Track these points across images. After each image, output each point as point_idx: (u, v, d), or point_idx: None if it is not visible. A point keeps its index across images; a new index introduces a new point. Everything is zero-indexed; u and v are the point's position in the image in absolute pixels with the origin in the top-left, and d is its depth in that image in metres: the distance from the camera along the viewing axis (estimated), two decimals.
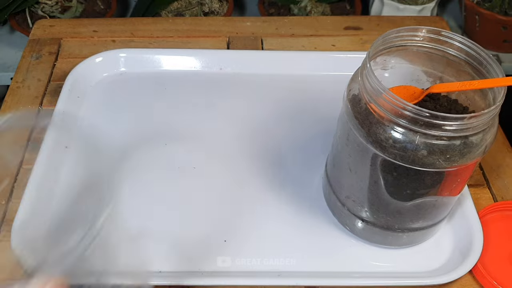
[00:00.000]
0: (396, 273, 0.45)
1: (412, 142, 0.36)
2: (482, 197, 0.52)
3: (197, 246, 0.47)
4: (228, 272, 0.45)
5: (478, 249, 0.45)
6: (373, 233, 0.46)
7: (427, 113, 0.34)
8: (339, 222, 0.48)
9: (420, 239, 0.47)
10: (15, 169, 0.52)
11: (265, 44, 0.68)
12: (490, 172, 0.54)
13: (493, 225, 0.48)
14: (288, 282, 0.43)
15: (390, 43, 0.41)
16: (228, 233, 0.48)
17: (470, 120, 0.35)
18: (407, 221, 0.44)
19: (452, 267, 0.45)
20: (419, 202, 0.41)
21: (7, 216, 0.49)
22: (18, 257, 0.43)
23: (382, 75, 0.44)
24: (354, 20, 0.73)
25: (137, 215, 0.48)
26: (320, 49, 0.68)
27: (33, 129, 0.34)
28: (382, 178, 0.40)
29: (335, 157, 0.46)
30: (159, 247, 0.46)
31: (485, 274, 0.44)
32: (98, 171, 0.39)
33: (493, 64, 0.38)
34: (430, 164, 0.37)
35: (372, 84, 0.37)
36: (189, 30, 0.69)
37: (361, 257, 0.46)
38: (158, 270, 0.44)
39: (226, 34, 0.69)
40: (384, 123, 0.37)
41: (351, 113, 0.40)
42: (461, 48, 0.40)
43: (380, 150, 0.38)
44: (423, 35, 0.41)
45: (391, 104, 0.36)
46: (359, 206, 0.44)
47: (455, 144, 0.36)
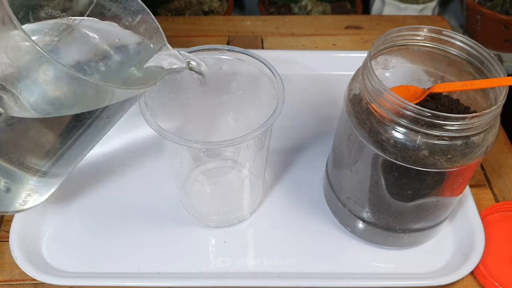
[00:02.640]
0: (397, 274, 0.45)
1: (413, 142, 0.36)
2: (484, 198, 0.51)
3: (197, 246, 0.46)
4: (228, 273, 0.44)
5: (479, 250, 0.45)
6: (374, 233, 0.45)
7: (428, 113, 0.34)
8: (339, 222, 0.48)
9: (421, 240, 0.47)
10: None
11: (265, 44, 0.68)
12: (491, 173, 0.54)
13: (494, 226, 0.48)
14: (288, 283, 0.43)
15: (391, 42, 0.41)
16: (228, 233, 0.47)
17: (472, 120, 0.35)
18: (408, 221, 0.43)
19: (453, 268, 0.44)
20: (420, 202, 0.41)
21: (7, 217, 0.48)
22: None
23: (383, 75, 0.44)
24: (355, 19, 0.73)
25: (137, 214, 0.48)
26: (320, 48, 0.68)
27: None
28: (383, 178, 0.40)
29: (335, 157, 0.46)
30: (159, 247, 0.46)
31: (487, 275, 0.44)
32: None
33: (494, 64, 0.38)
34: (431, 164, 0.36)
35: (373, 84, 0.37)
36: (189, 30, 0.69)
37: (362, 258, 0.46)
38: (158, 271, 0.44)
39: (226, 34, 0.69)
40: (385, 123, 0.37)
41: (352, 113, 0.39)
42: (463, 47, 0.40)
43: (381, 150, 0.37)
44: (424, 34, 0.41)
45: (392, 104, 0.35)
46: (360, 206, 0.44)
47: (456, 144, 0.36)
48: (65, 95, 0.33)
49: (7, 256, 0.45)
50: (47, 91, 0.32)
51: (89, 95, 0.33)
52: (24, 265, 0.43)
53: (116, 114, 0.38)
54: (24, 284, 0.44)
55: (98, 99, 0.33)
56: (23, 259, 0.43)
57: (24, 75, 0.31)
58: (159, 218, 0.48)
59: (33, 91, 0.32)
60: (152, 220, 0.48)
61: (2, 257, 0.45)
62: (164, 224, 0.48)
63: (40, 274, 0.42)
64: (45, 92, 0.32)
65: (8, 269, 0.45)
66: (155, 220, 0.48)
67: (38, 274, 0.42)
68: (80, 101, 0.33)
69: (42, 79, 0.31)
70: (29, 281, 0.44)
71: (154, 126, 0.37)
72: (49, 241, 0.46)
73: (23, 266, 0.43)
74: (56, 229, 0.47)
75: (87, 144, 0.39)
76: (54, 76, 0.31)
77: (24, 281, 0.44)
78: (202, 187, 0.45)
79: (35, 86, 0.32)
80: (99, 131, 0.38)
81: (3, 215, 0.48)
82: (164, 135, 0.36)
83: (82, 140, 0.37)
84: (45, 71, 0.31)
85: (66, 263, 0.45)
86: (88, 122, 0.35)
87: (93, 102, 0.33)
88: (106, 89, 0.33)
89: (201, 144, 0.40)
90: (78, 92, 0.32)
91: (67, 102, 0.33)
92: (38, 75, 0.31)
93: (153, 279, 0.43)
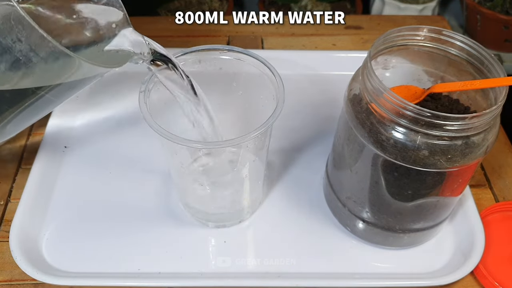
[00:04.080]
0: (397, 274, 0.45)
1: (413, 142, 0.36)
2: (484, 198, 0.51)
3: (197, 246, 0.46)
4: (228, 273, 0.44)
5: (479, 250, 0.45)
6: (374, 234, 0.45)
7: (428, 113, 0.34)
8: (339, 222, 0.48)
9: (421, 240, 0.47)
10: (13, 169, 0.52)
11: (265, 44, 0.68)
12: (491, 173, 0.54)
13: (494, 226, 0.48)
14: (288, 283, 0.43)
15: (391, 42, 0.41)
16: (228, 233, 0.47)
17: (472, 120, 0.35)
18: (408, 221, 0.43)
19: (453, 268, 0.44)
20: (420, 202, 0.41)
21: (6, 216, 0.48)
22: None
23: (383, 75, 0.44)
24: (355, 19, 0.73)
25: (137, 214, 0.48)
26: (320, 48, 0.68)
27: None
28: (383, 178, 0.40)
29: (335, 157, 0.46)
30: (159, 247, 0.46)
31: (487, 275, 0.44)
32: None
33: (494, 64, 0.38)
34: (431, 164, 0.36)
35: (373, 84, 0.37)
36: (188, 30, 0.69)
37: (362, 258, 0.46)
38: (158, 271, 0.44)
39: (226, 34, 0.69)
40: (385, 123, 0.37)
41: (352, 113, 0.39)
42: (463, 47, 0.40)
43: (381, 150, 0.37)
44: (424, 34, 0.41)
45: (392, 104, 0.35)
46: (360, 206, 0.44)
47: (456, 144, 0.36)
48: (27, 63, 0.31)
49: (7, 256, 0.45)
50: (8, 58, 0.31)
51: (50, 67, 0.32)
52: (24, 265, 0.43)
53: (63, 95, 0.36)
54: (24, 284, 0.44)
55: (57, 73, 0.32)
56: (23, 259, 0.43)
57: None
58: (159, 218, 0.48)
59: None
60: (152, 220, 0.48)
61: (2, 257, 0.45)
62: (164, 224, 0.48)
63: (40, 274, 0.42)
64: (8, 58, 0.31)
65: (8, 269, 0.45)
66: (155, 220, 0.48)
67: (38, 274, 0.42)
68: (39, 72, 0.32)
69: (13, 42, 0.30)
70: (29, 281, 0.44)
71: (154, 126, 0.37)
72: (49, 241, 0.46)
73: (23, 266, 0.43)
74: (56, 229, 0.47)
75: (21, 123, 0.38)
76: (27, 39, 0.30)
77: (24, 281, 0.44)
78: (202, 187, 0.45)
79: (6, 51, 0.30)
80: (39, 110, 0.37)
81: (2, 216, 0.48)
82: (164, 135, 0.36)
83: (20, 117, 0.36)
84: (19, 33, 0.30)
85: (66, 263, 0.45)
86: (32, 100, 0.34)
87: (51, 76, 0.32)
88: (71, 62, 0.31)
89: (201, 144, 0.40)
90: (41, 62, 0.31)
91: (27, 72, 0.32)
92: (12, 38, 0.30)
93: (153, 279, 0.43)
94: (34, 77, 0.32)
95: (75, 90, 0.37)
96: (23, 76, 0.32)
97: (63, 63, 0.32)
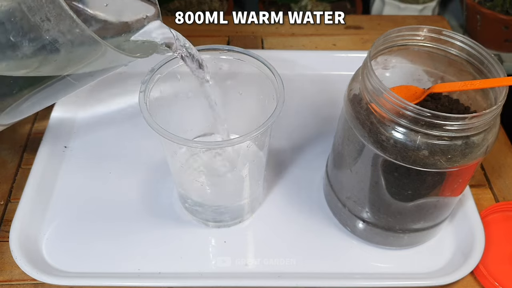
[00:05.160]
0: (397, 274, 0.45)
1: (413, 142, 0.36)
2: (484, 198, 0.51)
3: (197, 246, 0.46)
4: (228, 273, 0.44)
5: (479, 250, 0.45)
6: (374, 234, 0.45)
7: (428, 113, 0.34)
8: (339, 222, 0.48)
9: (421, 240, 0.47)
10: (13, 170, 0.52)
11: (265, 44, 0.68)
12: (491, 173, 0.54)
13: (494, 226, 0.48)
14: (288, 283, 0.43)
15: (391, 42, 0.41)
16: (228, 233, 0.47)
17: (472, 120, 0.35)
18: (408, 221, 0.43)
19: (453, 268, 0.44)
20: (420, 202, 0.41)
21: (6, 217, 0.48)
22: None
23: (383, 75, 0.44)
24: (355, 19, 0.73)
25: (137, 214, 0.48)
26: (320, 48, 0.68)
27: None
28: (383, 178, 0.40)
29: (335, 157, 0.46)
30: (159, 247, 0.46)
31: (487, 275, 0.44)
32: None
33: (494, 64, 0.38)
34: (431, 164, 0.36)
35: (373, 84, 0.37)
36: (188, 30, 0.69)
37: (362, 258, 0.46)
38: (158, 271, 0.44)
39: (226, 34, 0.69)
40: (385, 123, 0.37)
41: (351, 113, 0.39)
42: (463, 47, 0.40)
43: (381, 150, 0.37)
44: (425, 34, 0.41)
45: (392, 104, 0.35)
46: (360, 206, 0.44)
47: (456, 144, 0.36)
48: (54, 43, 0.31)
49: (7, 256, 0.45)
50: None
51: (75, 50, 0.32)
52: (24, 265, 0.43)
53: (84, 79, 0.37)
54: (24, 284, 0.44)
55: (81, 57, 0.32)
56: (23, 259, 0.43)
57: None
58: (159, 218, 0.48)
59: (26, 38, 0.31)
60: (152, 220, 0.48)
61: (2, 257, 0.45)
62: (164, 224, 0.48)
63: (40, 274, 0.42)
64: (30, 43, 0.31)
65: (8, 269, 0.45)
66: (155, 220, 0.48)
67: (38, 274, 0.42)
68: (64, 54, 0.32)
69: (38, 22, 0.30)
70: (29, 281, 0.44)
71: (154, 126, 0.37)
72: (49, 241, 0.46)
73: (23, 266, 0.43)
74: (56, 229, 0.47)
75: (43, 101, 0.38)
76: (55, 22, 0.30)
77: (24, 281, 0.44)
78: (202, 187, 0.45)
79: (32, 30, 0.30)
80: (57, 92, 0.37)
81: (2, 216, 0.48)
82: (164, 135, 0.36)
83: (41, 95, 0.36)
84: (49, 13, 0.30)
85: (66, 263, 0.45)
86: (53, 80, 0.34)
87: (75, 60, 0.32)
88: (97, 48, 0.31)
89: (201, 144, 0.40)
90: (67, 44, 0.31)
91: (52, 53, 0.32)
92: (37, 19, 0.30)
93: (153, 279, 0.43)
94: (58, 59, 0.32)
95: (96, 76, 0.37)
96: (47, 56, 0.32)
97: (88, 47, 0.32)
